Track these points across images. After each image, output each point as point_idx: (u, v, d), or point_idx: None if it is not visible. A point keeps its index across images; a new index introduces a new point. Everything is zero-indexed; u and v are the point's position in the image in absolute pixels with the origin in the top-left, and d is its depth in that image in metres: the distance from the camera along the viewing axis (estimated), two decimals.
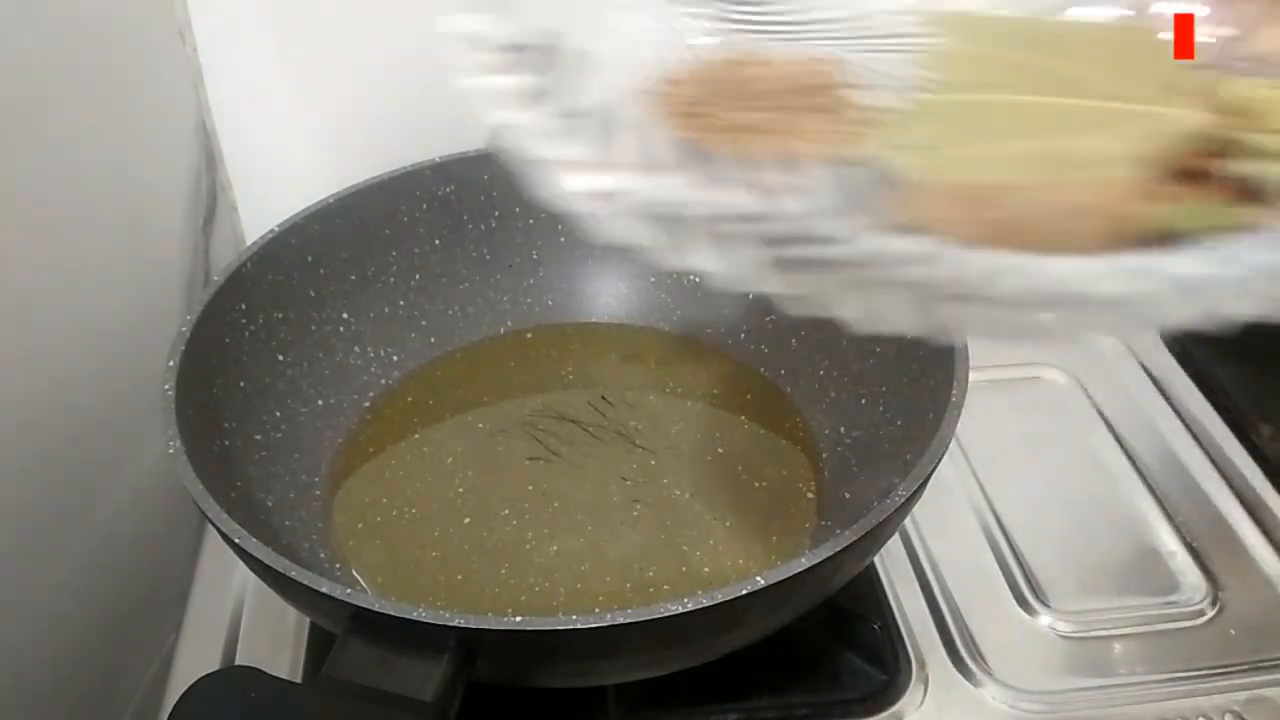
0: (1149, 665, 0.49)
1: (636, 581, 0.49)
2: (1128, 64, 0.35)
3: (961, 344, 0.46)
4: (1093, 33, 0.37)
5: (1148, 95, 0.33)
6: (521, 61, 0.32)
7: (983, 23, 0.37)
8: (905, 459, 0.44)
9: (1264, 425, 0.60)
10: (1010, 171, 0.31)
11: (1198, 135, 0.32)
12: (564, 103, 0.32)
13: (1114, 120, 0.33)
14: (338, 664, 0.36)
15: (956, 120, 0.34)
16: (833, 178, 0.32)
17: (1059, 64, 0.35)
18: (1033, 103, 0.34)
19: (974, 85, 0.35)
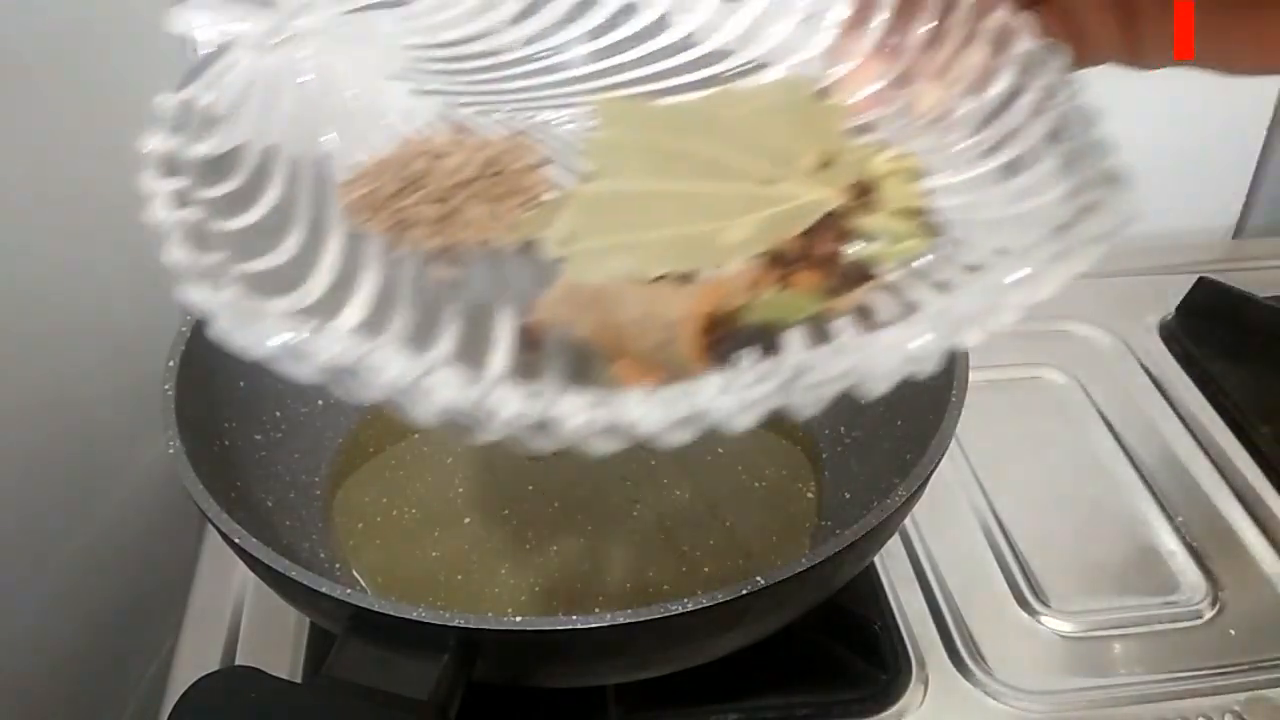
0: (1149, 665, 0.49)
1: (636, 581, 0.49)
2: (791, 137, 0.36)
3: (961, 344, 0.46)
4: (757, 105, 0.38)
5: (797, 174, 0.34)
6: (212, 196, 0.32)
7: (633, 108, 0.38)
8: (905, 459, 0.44)
9: (1264, 425, 0.60)
10: (646, 263, 0.32)
11: (829, 217, 0.33)
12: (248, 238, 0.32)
13: (755, 205, 0.34)
14: (338, 664, 0.36)
15: (599, 210, 0.34)
16: (490, 268, 0.33)
17: (712, 148, 0.36)
18: (678, 190, 0.35)
19: (622, 172, 0.36)
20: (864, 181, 0.34)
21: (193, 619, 0.52)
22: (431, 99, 0.39)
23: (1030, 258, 0.26)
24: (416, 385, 0.25)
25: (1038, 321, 0.69)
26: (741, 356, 0.28)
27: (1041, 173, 0.31)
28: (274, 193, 0.34)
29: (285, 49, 0.37)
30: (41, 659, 0.57)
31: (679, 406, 0.24)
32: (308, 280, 0.32)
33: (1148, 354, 0.66)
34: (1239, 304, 0.66)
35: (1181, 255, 0.74)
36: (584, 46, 0.40)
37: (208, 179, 0.33)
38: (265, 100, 0.36)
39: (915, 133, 0.35)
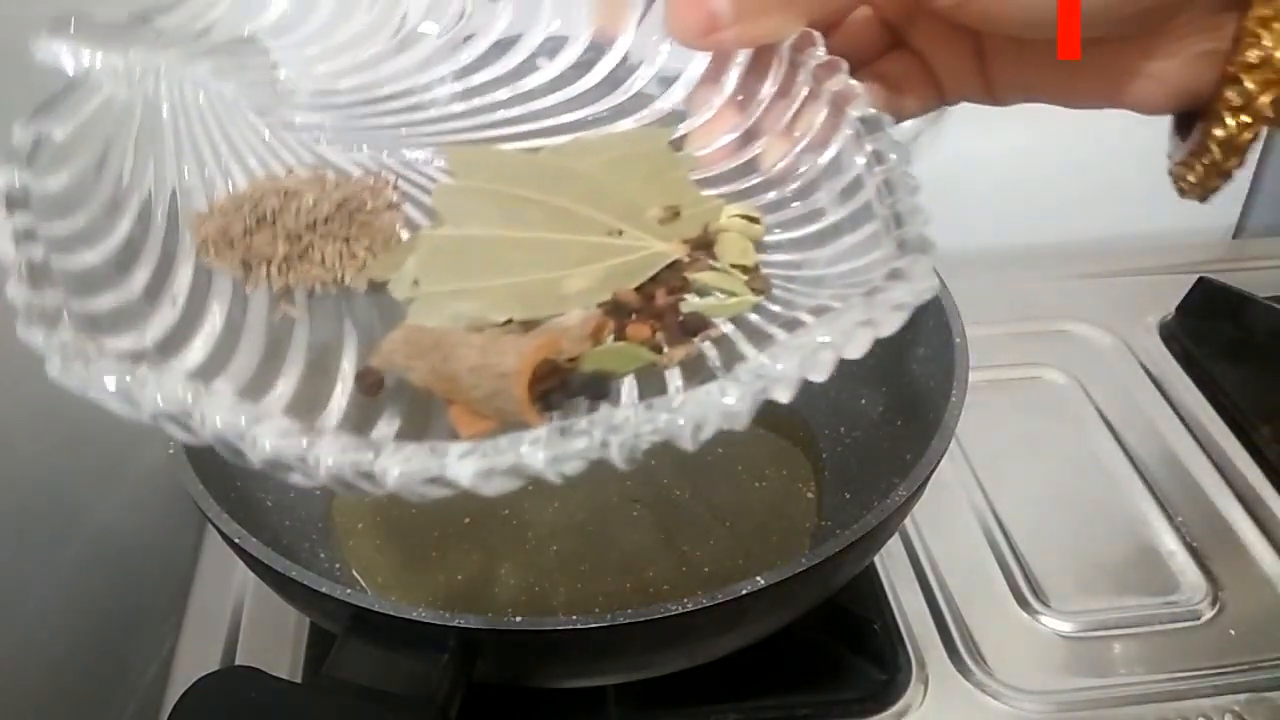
0: (1149, 665, 0.49)
1: (636, 581, 0.49)
2: (641, 188, 0.37)
3: (961, 344, 0.46)
4: (611, 155, 0.39)
5: (644, 226, 0.36)
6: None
7: (485, 156, 0.39)
8: (905, 459, 0.44)
9: (1264, 425, 0.60)
10: (489, 309, 0.33)
11: (670, 269, 0.34)
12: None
13: (599, 254, 0.35)
14: (338, 664, 0.36)
15: (445, 255, 0.35)
16: (337, 308, 0.34)
17: (561, 197, 0.37)
18: (525, 238, 0.36)
19: (471, 219, 0.36)
20: (706, 236, 0.35)
21: (193, 619, 0.53)
22: (294, 134, 0.39)
23: (841, 320, 0.28)
24: (245, 434, 0.26)
25: (1038, 321, 0.69)
26: (572, 406, 0.30)
27: (864, 235, 0.33)
28: (124, 228, 0.34)
29: (146, 82, 0.37)
30: (41, 659, 0.57)
31: (497, 459, 0.25)
32: (152, 318, 0.32)
33: (1148, 354, 0.66)
34: (1239, 304, 0.66)
35: (1181, 255, 0.74)
36: (451, 86, 0.41)
37: (57, 213, 0.33)
38: (121, 133, 0.36)
39: (759, 189, 0.37)
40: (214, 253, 0.34)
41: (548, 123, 0.40)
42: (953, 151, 0.69)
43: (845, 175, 0.34)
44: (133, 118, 0.37)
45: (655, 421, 0.26)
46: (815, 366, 0.27)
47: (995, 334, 0.66)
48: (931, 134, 0.70)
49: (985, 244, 0.76)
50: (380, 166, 0.39)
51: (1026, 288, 0.72)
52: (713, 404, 0.27)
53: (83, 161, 0.35)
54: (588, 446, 0.25)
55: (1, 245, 0.30)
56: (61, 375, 0.27)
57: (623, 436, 0.26)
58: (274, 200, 0.35)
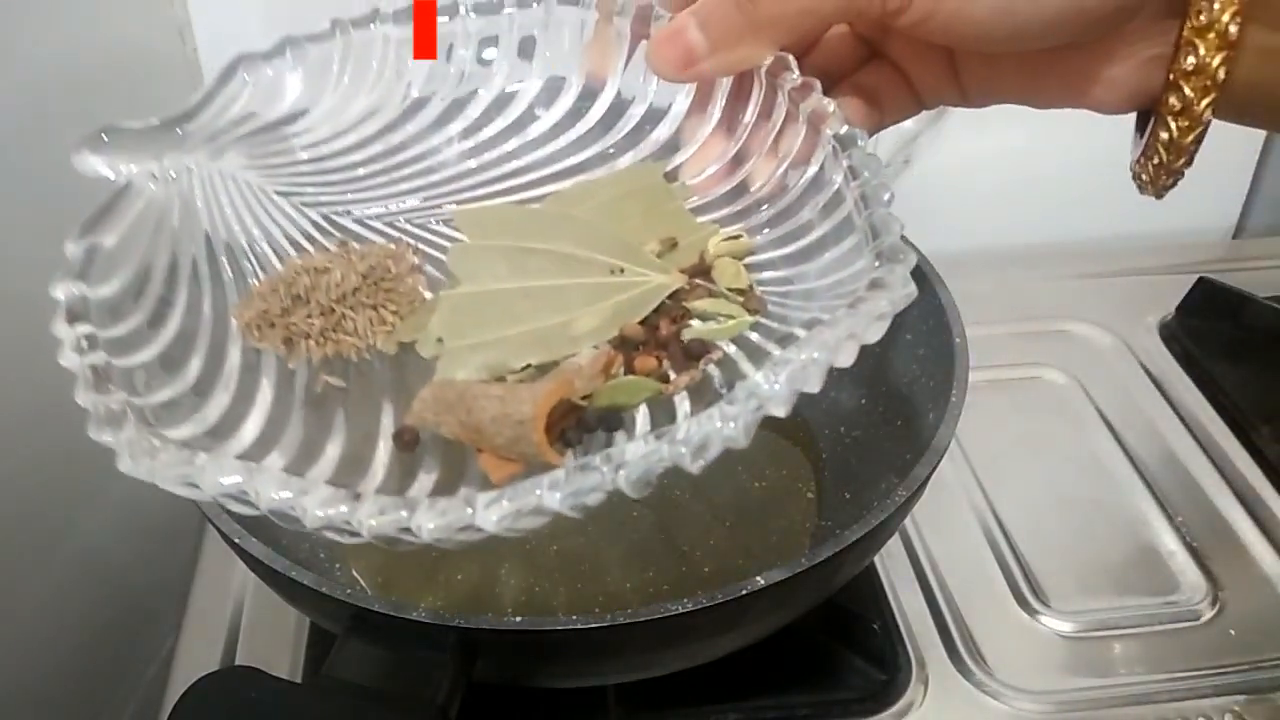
0: (1149, 665, 0.49)
1: (636, 581, 0.49)
2: (638, 224, 0.39)
3: (961, 344, 0.46)
4: (609, 195, 0.41)
5: (643, 260, 0.38)
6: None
7: (490, 214, 0.41)
8: (905, 459, 0.44)
9: (1264, 425, 0.60)
10: (508, 357, 0.35)
11: (671, 299, 0.37)
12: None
13: (604, 294, 0.37)
14: (338, 664, 0.36)
15: (464, 312, 0.38)
16: (369, 373, 0.37)
17: (564, 244, 0.39)
18: (534, 287, 0.38)
19: (483, 275, 0.39)
20: (701, 263, 0.38)
21: (193, 619, 0.52)
22: (318, 211, 0.42)
23: (828, 334, 0.30)
24: (294, 505, 0.29)
25: (1038, 321, 0.69)
26: (590, 440, 0.33)
27: (847, 247, 0.35)
28: (175, 321, 0.37)
29: (181, 181, 0.40)
30: (42, 659, 0.57)
31: (520, 504, 0.28)
32: (208, 403, 0.35)
33: (1148, 354, 0.66)
34: (1239, 304, 0.66)
35: (1181, 255, 0.75)
36: (459, 145, 0.43)
37: (112, 318, 0.36)
38: (163, 232, 0.39)
39: (750, 210, 0.39)
40: (258, 334, 0.37)
41: (553, 168, 0.42)
42: (953, 151, 0.70)
43: (826, 191, 0.36)
44: (171, 216, 0.39)
45: (660, 453, 0.28)
46: (807, 380, 0.29)
47: (995, 334, 0.66)
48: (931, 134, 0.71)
49: (985, 244, 0.76)
50: (400, 233, 0.42)
51: (1026, 288, 0.72)
52: (713, 430, 0.29)
53: (131, 265, 0.37)
54: (600, 482, 0.28)
55: (68, 356, 0.33)
56: (131, 469, 0.31)
57: (632, 470, 0.28)
58: (306, 279, 0.38)
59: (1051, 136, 0.73)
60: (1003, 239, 0.77)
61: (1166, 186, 0.36)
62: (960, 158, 0.70)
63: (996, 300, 0.69)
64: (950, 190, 0.72)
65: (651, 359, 0.35)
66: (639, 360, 0.35)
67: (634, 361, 0.35)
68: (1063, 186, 0.76)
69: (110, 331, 0.35)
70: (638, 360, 0.35)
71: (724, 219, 0.40)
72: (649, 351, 0.35)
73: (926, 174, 0.70)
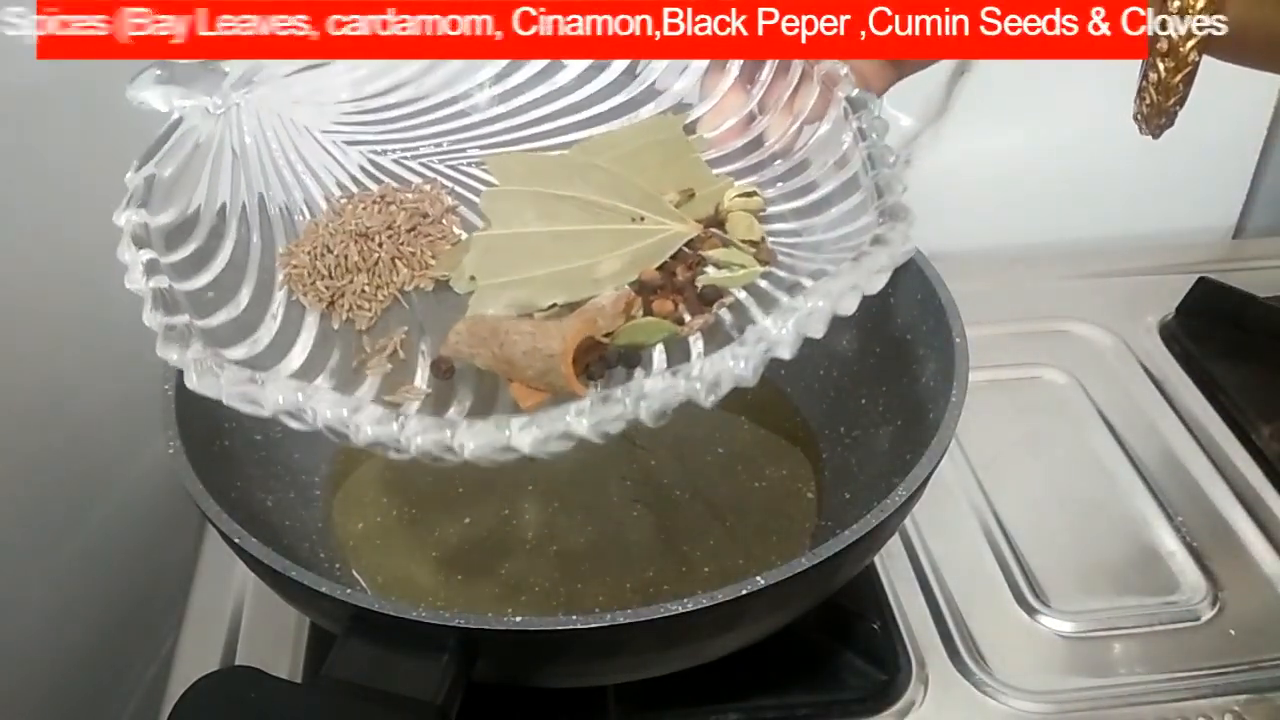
0: (1149, 665, 0.49)
1: (636, 581, 0.49)
2: (658, 174, 0.42)
3: (961, 344, 0.46)
4: (631, 146, 0.43)
5: (662, 210, 0.40)
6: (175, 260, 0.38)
7: (521, 160, 0.44)
8: (905, 459, 0.44)
9: (1264, 425, 0.60)
10: (536, 296, 0.38)
11: (687, 247, 0.39)
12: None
13: (625, 240, 0.39)
14: (338, 664, 0.36)
15: (495, 252, 0.40)
16: (407, 307, 0.39)
17: (589, 191, 0.41)
18: (561, 231, 0.40)
19: (513, 218, 0.41)
20: (717, 214, 0.40)
21: (193, 619, 0.52)
22: (358, 149, 0.44)
23: (832, 285, 0.32)
24: (348, 422, 0.31)
25: (1038, 321, 0.69)
26: (611, 375, 0.35)
27: (853, 203, 0.37)
28: (227, 251, 0.40)
29: (230, 116, 0.43)
30: (42, 659, 0.57)
31: (551, 428, 0.30)
32: (260, 326, 0.38)
33: (1148, 354, 0.66)
34: (1239, 304, 0.66)
35: (1181, 255, 0.75)
36: (489, 91, 0.46)
37: (172, 244, 0.38)
38: (214, 166, 0.42)
39: (765, 164, 0.42)
40: (302, 290, 0.40)
41: (578, 116, 0.45)
42: (953, 151, 0.70)
43: (836, 150, 0.39)
44: (224, 149, 0.42)
45: (677, 387, 0.30)
46: (811, 326, 0.31)
47: (995, 334, 0.66)
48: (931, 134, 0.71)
49: (985, 244, 0.76)
50: (435, 174, 0.44)
51: (1026, 288, 0.72)
52: (724, 368, 0.31)
53: (186, 195, 0.40)
54: (623, 412, 0.30)
55: (135, 279, 0.35)
56: (198, 386, 0.32)
57: (651, 401, 0.30)
58: (351, 247, 0.40)
59: (1051, 136, 0.73)
60: (1003, 239, 0.77)
61: (1161, 126, 0.37)
62: (960, 158, 0.70)
63: (996, 300, 0.69)
64: (950, 190, 0.72)
65: (668, 302, 0.37)
66: (657, 303, 0.37)
67: (652, 304, 0.37)
68: (1063, 186, 0.76)
69: (169, 258, 0.37)
70: (656, 303, 0.37)
71: (739, 171, 0.42)
72: (666, 295, 0.37)
73: (926, 174, 0.70)
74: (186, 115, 0.41)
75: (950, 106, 0.62)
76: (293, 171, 0.43)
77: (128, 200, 0.38)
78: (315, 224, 0.41)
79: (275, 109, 0.44)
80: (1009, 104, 0.66)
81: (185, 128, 0.41)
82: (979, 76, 0.62)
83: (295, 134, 0.44)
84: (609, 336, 0.36)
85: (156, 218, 0.38)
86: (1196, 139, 0.74)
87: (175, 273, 0.37)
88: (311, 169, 0.43)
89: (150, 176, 0.39)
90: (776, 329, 0.31)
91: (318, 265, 0.40)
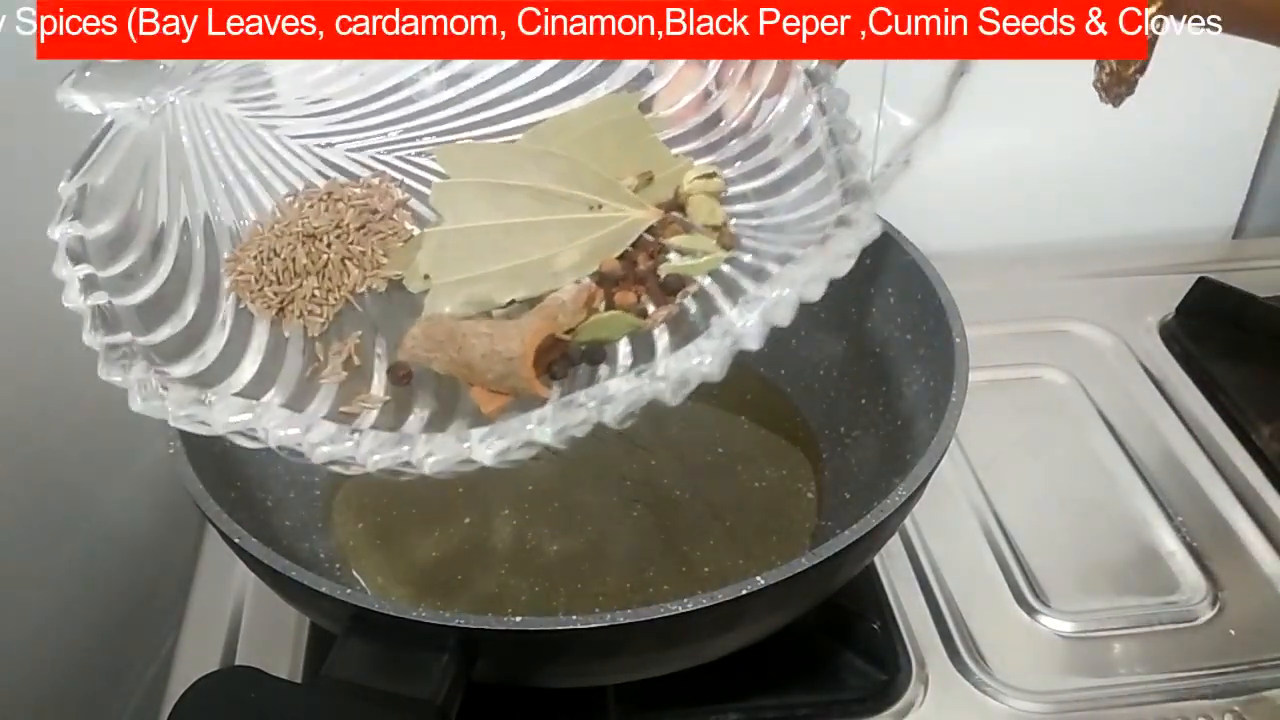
0: (1149, 665, 0.49)
1: (636, 581, 0.49)
2: (615, 158, 0.40)
3: (961, 344, 0.46)
4: (585, 128, 0.42)
5: (620, 196, 0.39)
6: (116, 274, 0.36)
7: (470, 151, 0.42)
8: (905, 459, 0.44)
9: (1264, 425, 0.60)
10: (493, 293, 0.36)
11: (647, 234, 0.38)
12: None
13: (584, 229, 0.38)
14: (338, 664, 0.36)
15: (448, 248, 0.38)
16: (359, 311, 0.38)
17: (543, 179, 0.40)
18: (516, 223, 0.39)
19: (465, 212, 0.39)
20: (677, 198, 0.39)
21: (193, 619, 0.52)
22: (300, 144, 0.42)
23: (797, 272, 0.31)
24: (301, 441, 0.30)
25: (1038, 321, 0.69)
26: (574, 374, 0.34)
27: (816, 181, 0.36)
28: (169, 259, 0.38)
29: (164, 116, 0.40)
30: (42, 659, 0.57)
31: (512, 439, 0.29)
32: (208, 338, 0.36)
33: (1148, 354, 0.66)
34: (1239, 304, 0.66)
35: (1181, 255, 0.74)
36: (435, 75, 0.44)
37: (110, 257, 0.36)
38: (150, 170, 0.40)
39: (724, 141, 0.40)
40: (250, 297, 0.38)
41: (530, 97, 0.43)
42: (953, 151, 0.70)
43: (797, 124, 0.37)
44: (159, 152, 0.40)
45: (642, 389, 0.29)
46: (777, 315, 0.30)
47: (995, 334, 0.66)
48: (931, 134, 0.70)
49: (985, 244, 0.76)
50: (384, 166, 0.42)
51: (1026, 288, 0.72)
52: (689, 366, 0.30)
53: (124, 203, 0.38)
54: (587, 417, 0.29)
55: (72, 297, 0.34)
56: (143, 408, 0.31)
57: (615, 405, 0.29)
58: (298, 249, 0.38)
59: (1051, 136, 0.73)
60: (1003, 239, 0.77)
61: (1120, 95, 0.37)
62: (960, 158, 0.70)
63: (996, 300, 0.69)
64: (950, 190, 0.72)
65: (630, 294, 0.36)
66: (619, 294, 0.36)
67: (614, 296, 0.36)
68: (1063, 186, 0.76)
69: (108, 272, 0.36)
70: (618, 294, 0.36)
71: (697, 151, 0.40)
72: (628, 286, 0.36)
73: (926, 174, 0.70)
74: (118, 117, 0.39)
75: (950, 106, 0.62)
76: (235, 172, 0.41)
77: (61, 212, 0.36)
78: (260, 226, 0.40)
79: (213, 106, 0.42)
80: (1009, 104, 0.66)
81: (117, 130, 0.39)
82: (979, 76, 0.62)
83: (235, 132, 0.42)
84: (570, 333, 0.35)
85: (94, 229, 0.36)
86: (1196, 139, 0.75)
87: (115, 287, 0.35)
88: (254, 167, 0.41)
89: (83, 186, 0.37)
90: (742, 321, 0.30)
91: (265, 270, 0.38)
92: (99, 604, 0.61)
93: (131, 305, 0.35)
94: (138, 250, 0.38)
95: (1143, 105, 0.38)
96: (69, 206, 0.36)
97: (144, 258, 0.38)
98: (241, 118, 0.42)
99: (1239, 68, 0.70)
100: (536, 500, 0.53)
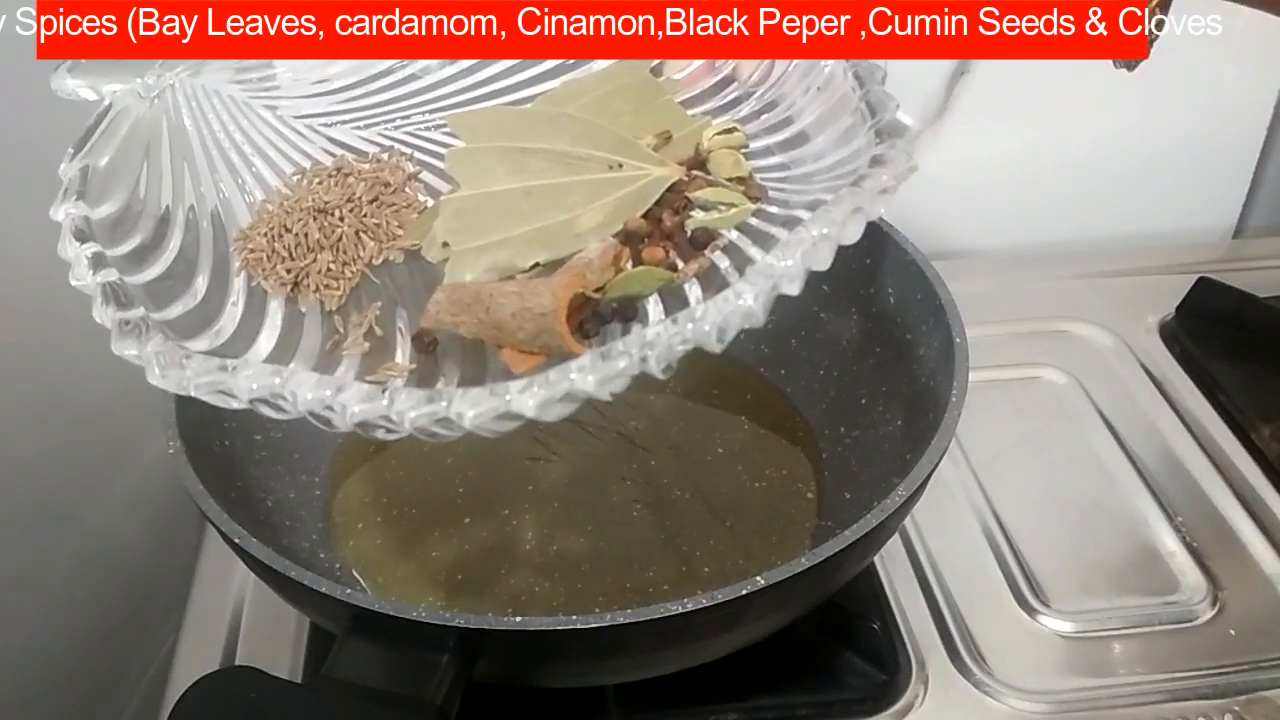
0: (1149, 665, 0.49)
1: (636, 581, 0.49)
2: (631, 119, 0.39)
3: (961, 344, 0.46)
4: (599, 92, 0.41)
5: (640, 155, 0.38)
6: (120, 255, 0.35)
7: (482, 116, 0.41)
8: (905, 459, 0.44)
9: (1264, 425, 0.60)
10: (516, 257, 0.35)
11: (671, 191, 0.37)
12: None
13: (605, 189, 0.37)
14: (338, 664, 0.36)
15: (467, 215, 0.37)
16: (380, 281, 0.37)
17: (560, 142, 0.39)
18: (535, 186, 0.38)
19: (482, 177, 0.38)
20: (698, 155, 0.38)
21: (193, 619, 0.52)
22: (305, 123, 0.42)
23: (833, 212, 0.29)
24: (333, 403, 0.28)
25: (1038, 321, 0.69)
26: (607, 331, 0.33)
27: (843, 127, 0.35)
28: (176, 239, 0.37)
29: (165, 98, 0.40)
30: (42, 659, 0.57)
31: (553, 389, 0.28)
32: (221, 315, 0.36)
33: (1148, 354, 0.66)
34: (1239, 304, 0.66)
35: (1181, 255, 0.74)
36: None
37: (116, 236, 0.36)
38: (153, 152, 0.39)
39: (741, 100, 0.39)
40: (263, 274, 0.37)
41: (537, 69, 0.42)
42: (953, 151, 0.70)
43: (819, 73, 0.37)
44: (161, 134, 0.39)
45: (684, 333, 0.28)
46: (817, 257, 0.29)
47: (995, 334, 0.66)
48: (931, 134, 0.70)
49: (985, 244, 0.76)
50: (394, 141, 0.41)
51: (1026, 288, 0.72)
52: (731, 307, 0.28)
53: (127, 183, 0.37)
54: (629, 365, 0.28)
55: (80, 274, 0.33)
56: (162, 381, 0.30)
57: (657, 350, 0.28)
58: (310, 224, 0.37)
59: (1051, 136, 0.73)
60: (1003, 239, 0.77)
61: (1134, 63, 0.36)
62: (960, 158, 0.70)
63: (996, 300, 0.69)
64: (950, 190, 0.72)
65: (659, 249, 0.35)
66: (646, 251, 0.35)
67: (641, 253, 0.35)
68: (1063, 187, 0.76)
69: (116, 251, 0.35)
70: (645, 252, 0.35)
71: (714, 110, 0.40)
72: (655, 243, 0.35)
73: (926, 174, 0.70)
74: (116, 100, 0.39)
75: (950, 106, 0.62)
76: (239, 153, 0.41)
77: (64, 193, 0.36)
78: (268, 204, 0.39)
79: (214, 88, 0.41)
80: (1009, 104, 0.66)
81: (116, 113, 0.39)
82: (979, 76, 0.62)
83: (237, 112, 0.41)
84: (600, 291, 0.34)
85: (97, 210, 0.36)
86: (1196, 139, 0.75)
87: (124, 265, 0.35)
88: (259, 148, 0.41)
89: (85, 167, 0.37)
90: (782, 263, 0.29)
91: (276, 247, 0.37)
92: (99, 604, 0.61)
93: (141, 284, 0.35)
94: (144, 230, 0.37)
95: (1143, 105, 0.38)
96: (71, 187, 0.36)
97: (151, 238, 0.37)
98: (244, 99, 0.42)
99: (1239, 68, 0.70)
100: (536, 500, 0.53)
